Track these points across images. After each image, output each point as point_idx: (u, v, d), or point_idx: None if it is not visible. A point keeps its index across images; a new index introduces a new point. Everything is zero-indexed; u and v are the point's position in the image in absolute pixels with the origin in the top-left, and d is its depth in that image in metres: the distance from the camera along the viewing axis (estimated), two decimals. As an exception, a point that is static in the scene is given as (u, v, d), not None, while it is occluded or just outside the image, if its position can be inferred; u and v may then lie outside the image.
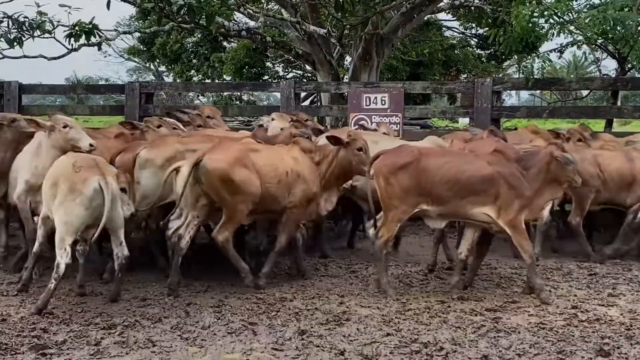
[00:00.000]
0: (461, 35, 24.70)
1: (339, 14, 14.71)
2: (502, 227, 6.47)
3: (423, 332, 5.56)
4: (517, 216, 6.45)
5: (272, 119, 8.85)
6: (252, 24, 17.27)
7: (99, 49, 11.53)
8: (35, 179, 6.88)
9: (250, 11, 17.13)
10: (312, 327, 5.64)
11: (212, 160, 6.59)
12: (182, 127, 8.68)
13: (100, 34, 10.84)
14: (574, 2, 10.97)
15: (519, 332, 5.57)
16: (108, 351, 5.11)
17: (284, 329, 5.58)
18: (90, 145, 6.86)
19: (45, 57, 11.29)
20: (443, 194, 6.47)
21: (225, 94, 24.82)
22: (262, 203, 6.82)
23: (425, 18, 19.64)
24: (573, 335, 5.50)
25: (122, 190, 6.29)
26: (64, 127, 6.90)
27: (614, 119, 12.72)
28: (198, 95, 28.66)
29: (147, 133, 8.31)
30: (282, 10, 17.31)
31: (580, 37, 11.52)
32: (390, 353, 5.10)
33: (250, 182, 6.66)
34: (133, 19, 26.89)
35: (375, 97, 11.09)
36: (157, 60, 26.98)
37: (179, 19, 11.27)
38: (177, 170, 6.73)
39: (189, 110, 9.60)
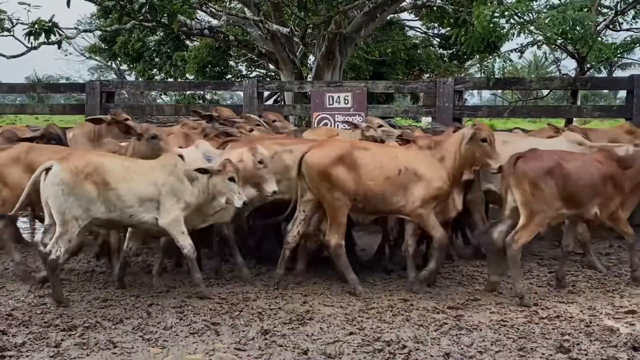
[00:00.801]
0: (424, 35, 24.82)
1: (302, 13, 14.71)
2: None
3: (386, 330, 5.58)
4: (617, 210, 6.77)
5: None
6: (214, 22, 17.23)
7: (59, 47, 11.39)
8: None
9: (213, 10, 17.06)
10: (275, 327, 5.63)
11: (313, 155, 6.67)
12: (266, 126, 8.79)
13: (60, 32, 10.70)
14: (534, 3, 11.11)
15: (481, 330, 5.62)
16: (68, 353, 5.05)
17: (246, 329, 5.57)
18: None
19: (4, 56, 11.11)
20: (582, 197, 6.54)
21: (187, 93, 24.67)
22: (368, 202, 6.73)
23: (388, 18, 19.74)
24: (534, 332, 5.56)
25: (231, 179, 6.41)
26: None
27: (574, 118, 12.87)
28: (160, 94, 28.47)
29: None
30: (245, 9, 17.27)
31: (540, 37, 11.66)
32: (353, 352, 5.11)
33: (347, 181, 6.58)
34: (94, 17, 26.66)
35: (338, 97, 11.11)
36: (119, 59, 26.74)
37: (141, 17, 11.19)
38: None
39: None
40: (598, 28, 12.73)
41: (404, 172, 6.65)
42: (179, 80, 23.08)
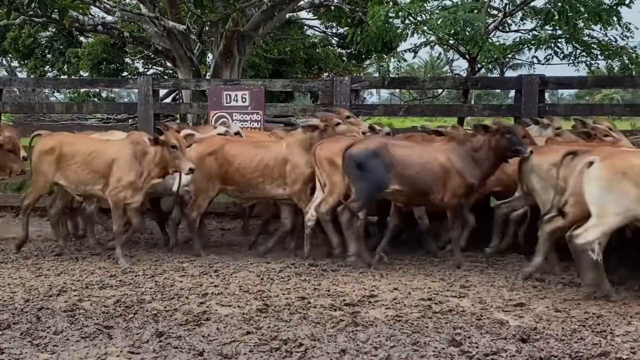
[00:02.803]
0: (322, 34, 25.02)
1: (199, 10, 14.55)
2: None
3: (283, 329, 5.58)
4: None
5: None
6: (109, 18, 16.81)
7: (-58, 42, 10.91)
8: None
9: (107, 5, 16.66)
10: (170, 329, 5.54)
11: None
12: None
13: (-56, 26, 10.26)
14: (427, 4, 11.39)
15: (377, 326, 5.69)
16: (-49, 362, 4.84)
17: (141, 332, 5.45)
18: None
19: None
20: None
21: (82, 90, 24.03)
22: None
23: (287, 16, 19.78)
24: (427, 327, 5.66)
25: None
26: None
27: (466, 117, 13.24)
28: (53, 92, 27.64)
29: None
30: (140, 5, 16.93)
31: (433, 38, 11.96)
32: (250, 351, 5.09)
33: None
34: (-19, 12, 25.60)
35: (236, 95, 11.04)
36: (10, 55, 25.84)
37: (30, 12, 10.83)
38: None
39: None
40: (488, 29, 13.14)
41: None
42: (72, 77, 22.48)
